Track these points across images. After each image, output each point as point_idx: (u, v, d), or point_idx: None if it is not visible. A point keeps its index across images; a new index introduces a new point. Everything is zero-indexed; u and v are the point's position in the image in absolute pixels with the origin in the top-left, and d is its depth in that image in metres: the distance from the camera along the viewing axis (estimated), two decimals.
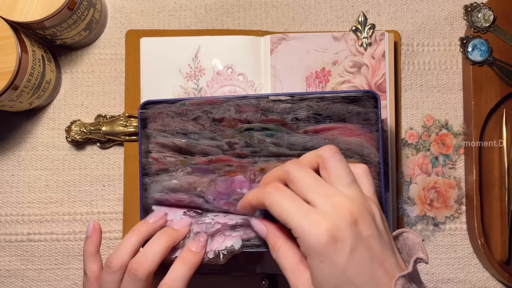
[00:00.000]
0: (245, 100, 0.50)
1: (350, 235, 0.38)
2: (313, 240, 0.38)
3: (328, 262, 0.38)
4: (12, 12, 0.51)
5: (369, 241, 0.38)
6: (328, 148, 0.42)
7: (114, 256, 0.45)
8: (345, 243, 0.38)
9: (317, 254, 0.38)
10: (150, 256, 0.44)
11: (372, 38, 0.57)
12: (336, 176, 0.41)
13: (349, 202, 0.39)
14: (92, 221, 0.48)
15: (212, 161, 0.48)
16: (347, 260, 0.38)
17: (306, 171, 0.41)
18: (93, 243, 0.48)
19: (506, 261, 0.58)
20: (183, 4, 0.62)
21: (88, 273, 0.47)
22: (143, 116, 0.51)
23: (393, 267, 0.39)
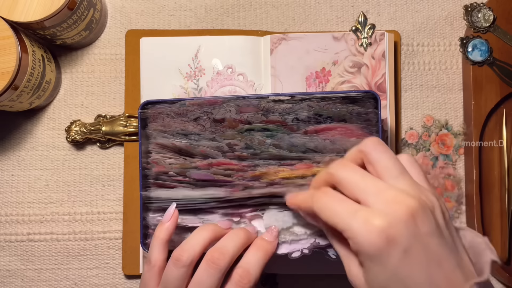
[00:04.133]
0: (245, 100, 0.50)
1: (405, 234, 0.35)
2: (363, 241, 0.35)
3: (379, 263, 0.35)
4: (12, 12, 0.51)
5: (427, 240, 0.35)
6: (369, 141, 0.39)
7: (185, 249, 0.43)
8: (399, 243, 0.34)
9: (367, 255, 0.36)
10: (230, 247, 0.43)
11: (372, 38, 0.57)
12: (383, 169, 0.38)
13: (403, 196, 0.36)
14: (174, 207, 0.46)
15: (212, 165, 0.48)
16: (399, 261, 0.35)
17: (350, 169, 0.39)
18: (168, 230, 0.45)
19: (506, 261, 0.58)
20: (183, 4, 0.62)
21: (153, 261, 0.44)
22: (143, 116, 0.51)
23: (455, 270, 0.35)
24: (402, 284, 0.35)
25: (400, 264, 0.35)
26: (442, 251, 0.36)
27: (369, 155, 0.39)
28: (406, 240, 0.35)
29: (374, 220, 0.35)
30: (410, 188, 0.37)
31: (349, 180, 0.38)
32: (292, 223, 0.47)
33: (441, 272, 0.35)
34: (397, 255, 0.35)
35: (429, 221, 0.36)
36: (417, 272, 0.35)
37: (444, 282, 0.35)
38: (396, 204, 0.35)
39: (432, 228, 0.36)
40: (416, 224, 0.35)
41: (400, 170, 0.38)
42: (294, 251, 0.47)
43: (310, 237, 0.47)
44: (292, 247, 0.47)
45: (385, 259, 0.35)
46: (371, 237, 0.35)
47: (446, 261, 0.35)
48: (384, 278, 0.35)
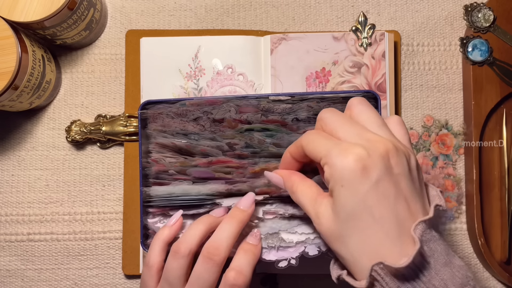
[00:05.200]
0: (245, 100, 0.50)
1: (380, 166, 0.37)
2: (339, 164, 0.37)
3: (350, 187, 0.37)
4: (12, 12, 0.51)
5: (398, 178, 0.38)
6: (355, 99, 0.42)
7: (183, 241, 0.44)
8: (372, 171, 0.37)
9: (340, 178, 0.37)
10: (224, 240, 0.44)
11: (372, 38, 0.57)
12: (366, 119, 0.40)
13: (382, 138, 0.38)
14: (180, 214, 0.47)
15: (212, 163, 0.48)
16: (369, 188, 0.37)
17: (338, 114, 0.41)
18: (170, 234, 0.46)
19: (506, 261, 0.58)
20: (183, 4, 0.62)
21: (151, 262, 0.45)
22: (143, 116, 0.51)
23: (418, 212, 0.38)
24: (368, 212, 0.37)
25: (370, 192, 0.37)
26: (411, 193, 0.38)
27: (354, 107, 0.41)
28: (380, 172, 0.37)
29: (355, 148, 0.37)
30: (389, 137, 0.39)
31: (335, 120, 0.41)
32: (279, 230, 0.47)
33: (407, 210, 0.37)
34: (369, 183, 0.37)
35: (402, 163, 0.38)
36: (385, 204, 0.37)
37: (408, 219, 0.37)
38: (375, 142, 0.38)
39: (405, 171, 0.38)
40: (389, 162, 0.38)
41: (381, 123, 0.40)
42: (282, 259, 0.47)
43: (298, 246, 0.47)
44: (279, 255, 0.47)
45: (357, 185, 0.37)
46: (348, 161, 0.37)
47: (412, 202, 0.38)
48: (352, 204, 0.37)
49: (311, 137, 0.41)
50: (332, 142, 0.39)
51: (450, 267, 0.37)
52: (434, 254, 0.37)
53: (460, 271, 0.37)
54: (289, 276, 0.59)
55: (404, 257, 0.36)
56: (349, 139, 0.39)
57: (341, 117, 0.41)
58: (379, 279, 0.36)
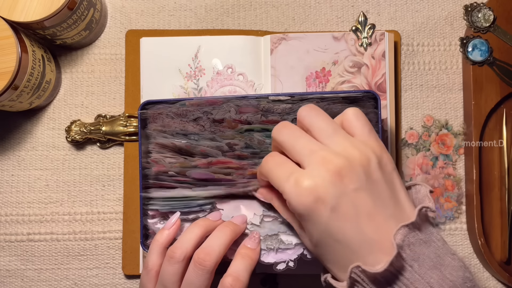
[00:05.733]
0: (245, 100, 0.50)
1: (332, 193, 0.37)
2: (295, 203, 0.38)
3: (311, 221, 0.38)
4: (12, 12, 0.51)
5: (356, 196, 0.37)
6: (303, 108, 0.42)
7: (178, 246, 0.44)
8: (326, 202, 0.37)
9: (299, 215, 0.39)
10: (216, 247, 0.44)
11: (372, 38, 0.57)
12: (317, 130, 0.40)
13: (331, 155, 0.38)
14: (178, 216, 0.48)
15: (212, 163, 0.48)
16: (328, 218, 0.37)
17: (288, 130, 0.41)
18: (168, 237, 0.47)
19: (506, 261, 0.58)
20: (183, 4, 0.62)
21: (150, 265, 0.46)
22: (143, 116, 0.51)
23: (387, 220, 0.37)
24: (333, 239, 0.38)
25: (329, 220, 0.37)
26: (373, 204, 0.37)
27: (303, 119, 0.41)
28: (333, 198, 0.37)
29: (303, 182, 0.37)
30: (341, 146, 0.39)
31: (286, 143, 0.41)
32: (278, 231, 0.47)
33: (372, 224, 0.37)
34: (326, 213, 0.37)
35: (357, 177, 0.38)
36: (347, 227, 0.37)
37: (375, 233, 0.37)
38: (324, 164, 0.37)
39: (361, 184, 0.38)
40: (342, 182, 0.37)
41: (333, 130, 0.40)
42: (280, 261, 0.47)
43: (297, 248, 0.47)
44: (278, 257, 0.47)
45: (315, 217, 0.37)
46: (300, 198, 0.37)
47: (378, 214, 0.37)
48: (317, 234, 0.38)
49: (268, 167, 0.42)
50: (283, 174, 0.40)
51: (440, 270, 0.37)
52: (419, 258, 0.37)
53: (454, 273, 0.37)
54: (289, 276, 0.59)
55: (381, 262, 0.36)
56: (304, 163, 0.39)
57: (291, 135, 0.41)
58: (359, 280, 0.37)
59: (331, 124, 0.40)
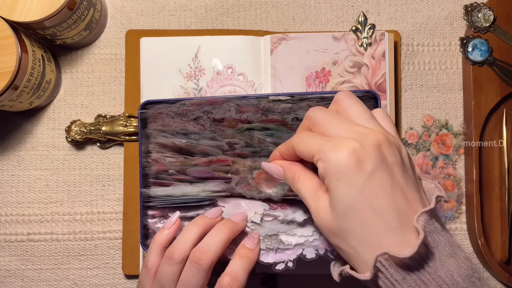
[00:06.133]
0: (245, 100, 0.50)
1: (374, 157, 0.37)
2: (333, 158, 0.37)
3: (346, 180, 0.37)
4: (12, 12, 0.51)
5: (392, 168, 0.37)
6: (341, 92, 0.42)
7: (176, 247, 0.44)
8: (367, 163, 0.36)
9: (335, 172, 0.37)
10: (213, 245, 0.44)
11: (372, 38, 0.57)
12: (354, 113, 0.40)
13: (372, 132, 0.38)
14: (177, 215, 0.47)
15: (212, 162, 0.48)
16: (366, 180, 0.36)
17: (325, 111, 0.41)
18: (168, 236, 0.46)
19: (506, 261, 0.58)
20: (183, 4, 0.62)
21: (150, 264, 0.46)
22: (143, 116, 0.51)
23: (416, 201, 0.38)
24: (367, 204, 0.37)
25: (366, 183, 0.36)
26: (406, 182, 0.38)
27: (342, 102, 0.41)
28: (375, 162, 0.37)
29: (347, 141, 0.37)
30: (379, 128, 0.39)
31: (324, 119, 0.40)
32: (278, 231, 0.47)
33: (405, 200, 0.37)
34: (365, 175, 0.36)
35: (394, 154, 0.38)
36: (382, 194, 0.37)
37: (406, 209, 0.37)
38: (366, 134, 0.38)
39: (398, 161, 0.38)
40: (382, 152, 0.37)
41: (369, 116, 0.40)
42: (279, 262, 0.47)
43: (296, 248, 0.47)
44: (277, 257, 0.47)
45: (352, 177, 0.37)
46: (342, 154, 0.37)
47: (409, 192, 0.38)
48: (350, 197, 0.37)
49: (301, 136, 0.41)
50: (323, 138, 0.39)
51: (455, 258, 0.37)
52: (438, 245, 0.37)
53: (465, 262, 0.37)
54: (289, 276, 0.59)
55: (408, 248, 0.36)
56: (340, 134, 0.39)
57: (328, 114, 0.41)
58: (383, 270, 0.36)
59: (368, 112, 0.41)
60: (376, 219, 0.37)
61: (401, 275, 0.36)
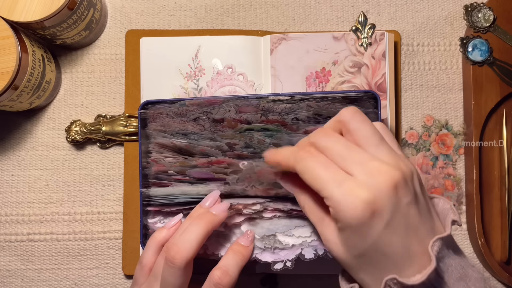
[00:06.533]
0: (245, 100, 0.50)
1: (389, 206, 0.35)
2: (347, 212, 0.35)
3: (360, 233, 0.36)
4: (12, 12, 0.51)
5: (407, 209, 0.36)
6: (347, 111, 0.39)
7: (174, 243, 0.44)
8: (382, 216, 0.35)
9: (349, 225, 0.36)
10: (188, 243, 0.43)
11: (372, 38, 0.57)
12: (363, 138, 0.38)
13: (386, 167, 0.36)
14: (180, 218, 0.47)
15: (212, 163, 0.48)
16: (381, 232, 0.35)
17: (334, 139, 0.38)
18: (167, 236, 0.46)
19: (506, 261, 0.58)
20: (183, 4, 0.62)
21: (144, 261, 0.46)
22: (143, 116, 0.51)
23: (428, 233, 0.37)
24: (380, 252, 0.36)
25: (381, 234, 0.36)
26: (419, 218, 0.37)
27: (348, 124, 0.39)
28: (390, 212, 0.35)
29: (360, 192, 0.35)
30: (390, 157, 0.37)
31: (332, 149, 0.38)
32: (276, 232, 0.47)
33: (417, 238, 0.36)
34: (380, 227, 0.35)
35: (409, 191, 0.36)
36: (396, 241, 0.36)
37: (418, 247, 0.36)
38: (380, 175, 0.36)
39: (412, 198, 0.37)
40: (398, 195, 0.36)
41: (379, 139, 0.38)
42: (278, 261, 0.47)
43: (294, 248, 0.47)
44: (275, 256, 0.47)
45: (366, 230, 0.36)
46: (356, 209, 0.35)
47: (421, 227, 0.37)
48: (363, 247, 0.36)
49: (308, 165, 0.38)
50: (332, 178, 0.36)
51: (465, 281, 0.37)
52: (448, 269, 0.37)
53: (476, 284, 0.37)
54: (289, 276, 0.59)
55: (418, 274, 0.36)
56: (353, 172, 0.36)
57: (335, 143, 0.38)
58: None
59: (377, 133, 0.38)
60: (388, 262, 0.36)
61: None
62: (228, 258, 0.44)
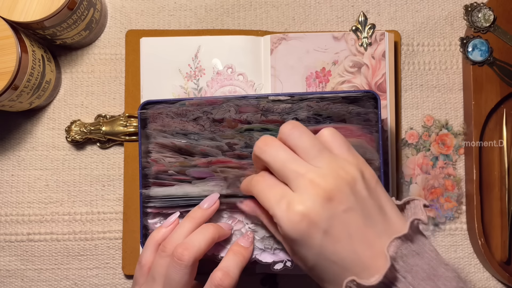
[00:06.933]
0: (245, 100, 0.50)
1: (324, 216, 0.37)
2: (288, 229, 0.38)
3: (304, 245, 0.38)
4: (12, 12, 0.51)
5: (346, 216, 0.38)
6: (284, 128, 0.42)
7: (169, 241, 0.45)
8: (319, 226, 0.37)
9: (293, 240, 0.39)
10: (196, 242, 0.44)
11: (372, 38, 0.57)
12: (302, 151, 0.40)
13: (321, 178, 0.38)
14: (177, 215, 0.48)
15: (212, 163, 0.48)
16: (321, 242, 0.37)
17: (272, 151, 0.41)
18: (165, 235, 0.47)
19: (506, 261, 0.58)
20: (183, 4, 0.62)
21: (143, 261, 0.46)
22: (143, 116, 0.51)
23: (379, 234, 0.38)
24: (328, 261, 0.38)
25: (323, 243, 0.37)
26: (363, 222, 0.38)
27: (287, 139, 0.41)
28: (325, 221, 0.37)
29: (295, 206, 0.38)
30: (328, 166, 0.39)
31: (273, 164, 0.40)
32: None
33: (365, 243, 0.38)
34: (319, 236, 0.37)
35: (346, 199, 0.38)
36: (341, 248, 0.37)
37: (368, 251, 0.37)
38: (313, 188, 0.38)
39: (350, 204, 0.38)
40: (333, 204, 0.37)
41: (317, 150, 0.40)
42: (278, 261, 0.47)
43: None
44: (275, 257, 0.47)
45: (309, 242, 0.38)
46: (292, 223, 0.38)
47: (369, 231, 0.38)
48: (312, 258, 0.38)
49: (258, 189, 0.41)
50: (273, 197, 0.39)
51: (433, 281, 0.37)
52: (412, 269, 0.37)
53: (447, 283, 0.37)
54: (289, 276, 0.59)
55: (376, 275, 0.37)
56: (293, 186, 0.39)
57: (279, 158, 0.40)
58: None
59: (316, 144, 0.40)
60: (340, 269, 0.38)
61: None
62: (228, 260, 0.45)
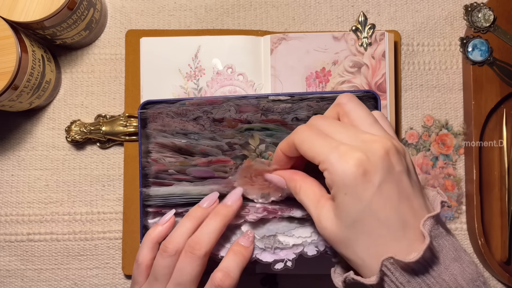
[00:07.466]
0: (245, 100, 0.50)
1: (381, 168, 0.37)
2: (340, 171, 0.37)
3: (354, 195, 0.37)
4: (12, 12, 0.51)
5: (399, 177, 0.37)
6: (343, 95, 0.42)
7: (170, 241, 0.45)
8: (375, 176, 0.36)
9: (343, 186, 0.37)
10: (206, 235, 0.44)
11: (372, 38, 0.57)
12: (357, 117, 0.40)
13: (378, 137, 0.38)
14: (172, 213, 0.48)
15: (212, 162, 0.48)
16: (374, 194, 0.36)
17: (330, 120, 0.41)
18: (161, 233, 0.47)
19: (506, 261, 0.58)
20: (183, 4, 0.62)
21: (140, 259, 0.46)
22: (143, 116, 0.51)
23: (422, 208, 0.38)
24: (374, 217, 0.37)
25: (374, 197, 0.36)
26: (412, 190, 0.38)
27: (344, 106, 0.41)
28: (382, 174, 0.37)
29: (354, 153, 0.37)
30: (383, 134, 0.39)
31: (329, 127, 0.40)
32: (276, 232, 0.47)
33: (410, 208, 0.37)
34: (372, 188, 0.36)
35: (401, 161, 0.38)
36: (389, 206, 0.37)
37: (412, 218, 0.37)
38: (373, 143, 0.37)
39: (404, 168, 0.38)
40: (390, 161, 0.37)
41: (372, 119, 0.40)
42: (278, 261, 0.47)
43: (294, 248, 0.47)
44: (276, 256, 0.47)
45: (360, 191, 0.37)
46: (349, 167, 0.37)
47: (415, 200, 0.38)
48: (357, 210, 0.37)
49: (305, 135, 0.40)
50: (328, 144, 0.38)
51: (459, 262, 0.37)
52: (443, 250, 0.37)
53: (470, 267, 0.37)
54: (289, 276, 0.59)
55: (413, 252, 0.36)
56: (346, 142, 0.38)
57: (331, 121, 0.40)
58: (389, 273, 0.36)
59: (371, 115, 0.41)
60: (382, 230, 0.37)
61: (406, 279, 0.36)
62: (229, 260, 0.45)
